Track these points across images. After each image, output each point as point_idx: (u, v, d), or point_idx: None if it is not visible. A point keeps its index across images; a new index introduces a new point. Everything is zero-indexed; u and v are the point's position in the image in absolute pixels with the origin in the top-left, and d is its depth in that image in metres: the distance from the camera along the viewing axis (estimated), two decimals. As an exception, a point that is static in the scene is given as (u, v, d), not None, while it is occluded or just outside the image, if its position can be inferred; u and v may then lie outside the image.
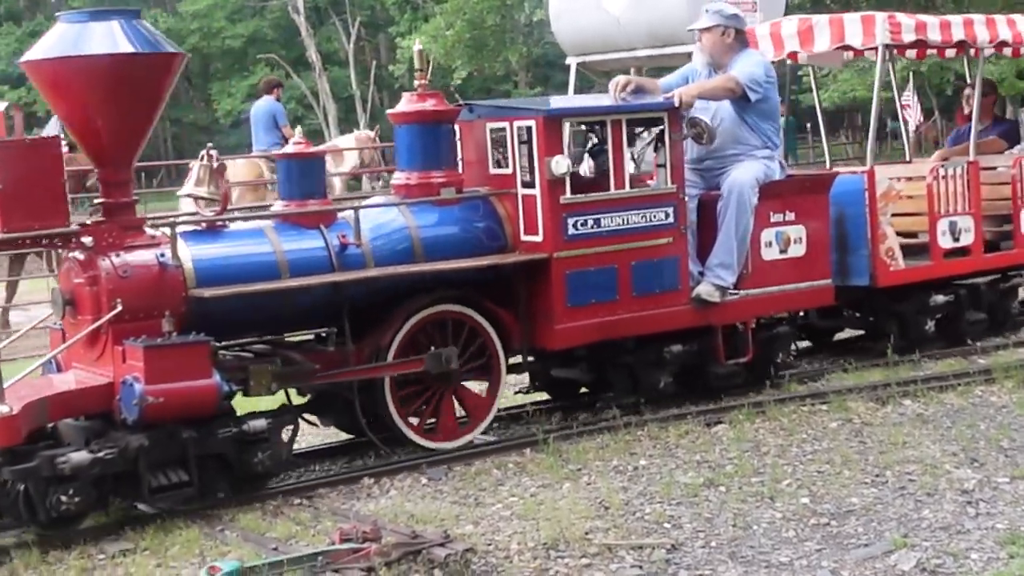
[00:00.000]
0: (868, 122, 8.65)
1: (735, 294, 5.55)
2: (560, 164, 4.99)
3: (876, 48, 6.51)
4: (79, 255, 4.56)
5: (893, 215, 6.55)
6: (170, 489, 4.58)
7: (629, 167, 5.38)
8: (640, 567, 4.05)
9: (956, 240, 6.52)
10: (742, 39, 5.97)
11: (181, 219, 5.21)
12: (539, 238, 5.06)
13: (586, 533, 4.33)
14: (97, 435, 4.44)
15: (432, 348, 5.12)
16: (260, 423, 4.65)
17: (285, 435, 4.90)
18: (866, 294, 6.52)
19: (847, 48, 6.80)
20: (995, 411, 5.95)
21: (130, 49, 4.39)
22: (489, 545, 4.34)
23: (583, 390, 6.16)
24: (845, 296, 6.60)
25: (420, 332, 5.07)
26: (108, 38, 4.37)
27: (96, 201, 4.83)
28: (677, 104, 5.37)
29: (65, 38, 4.43)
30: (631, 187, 5.23)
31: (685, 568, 4.02)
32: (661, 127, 5.39)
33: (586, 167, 5.42)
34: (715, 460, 5.27)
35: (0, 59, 34.41)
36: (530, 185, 5.06)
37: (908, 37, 6.43)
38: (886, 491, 4.85)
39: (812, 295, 5.96)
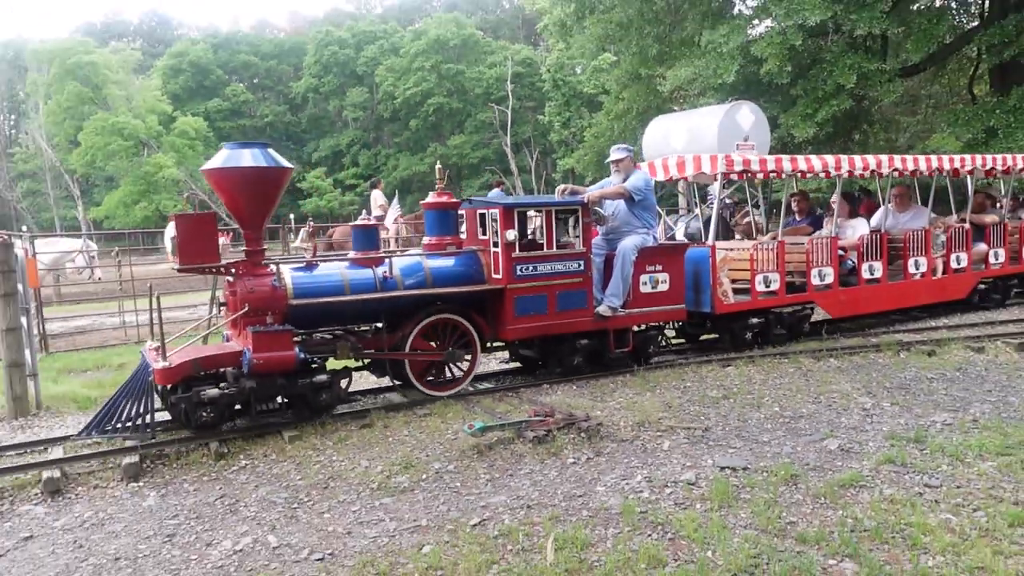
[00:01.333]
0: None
1: (622, 312, 7.30)
2: (510, 234, 6.73)
3: (717, 175, 8.29)
4: (229, 279, 6.19)
5: (732, 270, 8.40)
6: (270, 413, 6.14)
7: (558, 236, 7.03)
8: (687, 438, 5.55)
9: (768, 286, 8.42)
10: (634, 162, 7.75)
11: (288, 259, 6.94)
12: (500, 276, 6.82)
13: (659, 418, 5.93)
14: (233, 379, 5.89)
15: (437, 339, 6.78)
16: (323, 377, 6.19)
17: (343, 384, 6.43)
18: (712, 317, 8.32)
19: (703, 175, 8.71)
20: (881, 366, 7.63)
21: (262, 164, 5.86)
22: (609, 422, 5.88)
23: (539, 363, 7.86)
24: (700, 317, 8.42)
25: (430, 328, 6.75)
26: (249, 158, 5.85)
27: (242, 248, 6.31)
28: (585, 202, 7.12)
29: (226, 157, 5.89)
30: (557, 248, 6.97)
31: (712, 440, 5.51)
32: (576, 215, 7.09)
33: (537, 234, 7.15)
34: (727, 385, 7.04)
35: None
36: (496, 246, 6.86)
37: (737, 168, 8.19)
38: (821, 407, 6.34)
39: (672, 314, 7.78)
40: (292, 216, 19.59)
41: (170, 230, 6.44)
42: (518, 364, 8.03)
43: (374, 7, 70.98)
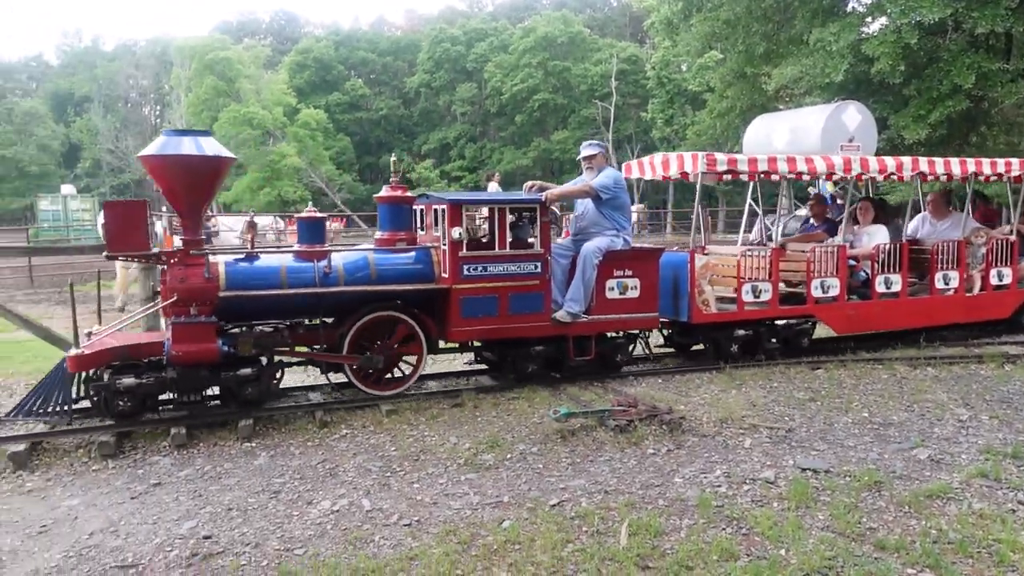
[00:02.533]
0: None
1: (584, 318, 6.64)
2: (455, 232, 6.18)
3: (698, 175, 7.48)
4: (164, 267, 5.75)
5: (723, 277, 7.74)
6: (190, 404, 5.82)
7: (517, 236, 6.51)
8: (770, 438, 5.44)
9: (757, 297, 7.57)
10: (607, 159, 7.14)
11: (224, 250, 6.39)
12: (447, 275, 6.28)
13: (742, 416, 5.83)
14: (155, 369, 5.66)
15: (382, 337, 6.27)
16: (247, 371, 5.87)
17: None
18: (689, 327, 7.58)
19: (685, 174, 7.85)
20: (983, 378, 7.20)
21: (198, 153, 5.47)
22: (691, 417, 5.84)
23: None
24: (678, 327, 7.88)
25: (374, 326, 6.26)
26: (187, 146, 5.48)
27: (180, 238, 5.90)
28: (543, 200, 6.50)
29: (164, 144, 5.50)
30: (511, 248, 6.38)
31: (795, 441, 5.39)
32: (534, 213, 6.50)
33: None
34: (815, 387, 6.85)
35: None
36: (444, 243, 6.32)
37: (721, 168, 7.46)
38: (913, 415, 6.06)
39: (643, 322, 7.03)
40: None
41: (102, 217, 6.02)
42: (484, 366, 7.36)
43: (485, 5, 71.74)
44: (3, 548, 3.91)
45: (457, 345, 6.80)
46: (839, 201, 9.75)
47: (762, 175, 8.17)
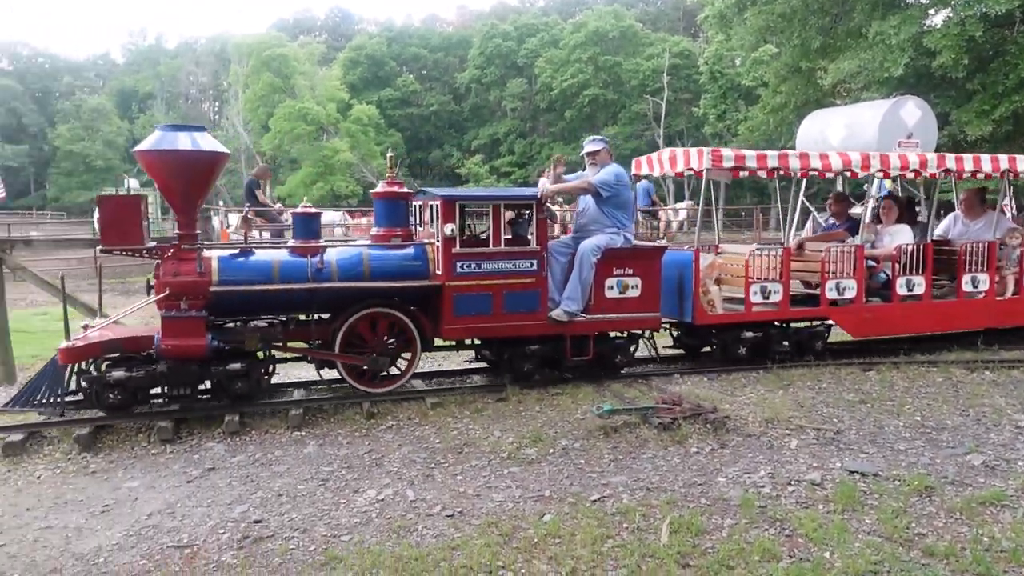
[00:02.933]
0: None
1: (582, 317, 6.51)
2: (448, 229, 6.09)
3: (703, 170, 7.16)
4: (159, 260, 5.73)
5: (731, 277, 7.57)
6: (180, 398, 5.86)
7: (516, 232, 6.48)
8: (817, 439, 5.34)
9: (766, 298, 7.27)
10: (611, 155, 6.94)
11: (219, 244, 6.41)
12: (441, 272, 6.20)
13: (788, 417, 5.76)
14: (148, 363, 5.68)
15: (376, 334, 6.21)
16: (237, 365, 5.85)
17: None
18: (692, 327, 7.34)
19: (691, 170, 7.43)
20: None
21: (194, 148, 5.50)
22: (736, 416, 5.78)
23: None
24: (684, 328, 7.66)
25: (368, 323, 6.21)
26: (183, 141, 5.50)
27: (175, 231, 5.88)
28: (539, 196, 6.36)
29: (160, 139, 5.51)
30: (506, 245, 6.28)
31: (843, 443, 5.27)
32: (531, 210, 6.37)
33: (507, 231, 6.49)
34: (866, 389, 6.69)
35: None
36: (438, 239, 6.26)
37: (727, 164, 7.08)
38: (968, 420, 5.88)
39: (643, 322, 6.81)
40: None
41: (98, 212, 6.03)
42: (484, 364, 7.24)
43: (536, 0, 71.62)
44: (69, 525, 4.12)
45: (454, 343, 6.72)
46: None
47: (774, 171, 7.82)
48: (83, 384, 5.68)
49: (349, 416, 5.90)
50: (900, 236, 7.94)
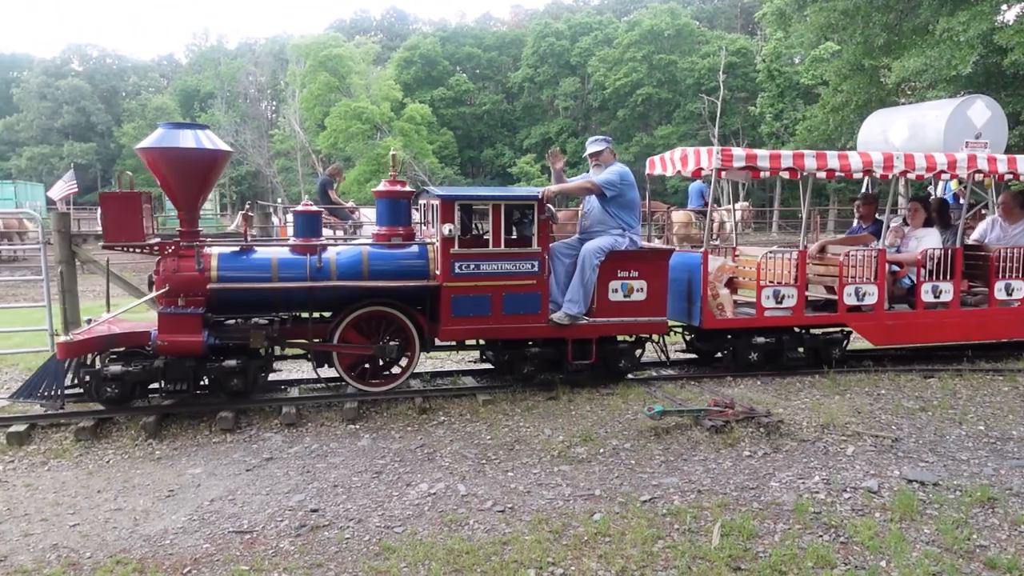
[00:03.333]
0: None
1: (584, 320, 6.40)
2: (446, 228, 6.03)
3: (711, 170, 6.95)
4: (159, 256, 5.89)
5: (744, 280, 7.52)
6: (177, 393, 5.93)
7: (519, 233, 6.39)
8: (874, 446, 5.23)
9: (779, 302, 7.03)
10: (615, 155, 6.87)
11: (220, 241, 6.44)
12: (440, 272, 6.17)
13: (845, 423, 5.64)
14: (147, 358, 5.81)
15: (376, 333, 6.23)
16: (232, 362, 5.89)
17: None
18: (700, 331, 7.25)
19: (701, 170, 7.25)
20: None
21: (196, 146, 5.65)
22: (790, 421, 5.72)
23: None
24: (695, 332, 7.51)
25: (366, 321, 6.24)
26: (186, 138, 5.66)
27: (178, 228, 6.02)
28: (540, 196, 6.23)
29: (162, 136, 5.68)
30: (507, 246, 6.19)
31: (901, 452, 5.15)
32: (532, 210, 6.25)
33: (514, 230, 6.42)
34: (927, 397, 6.49)
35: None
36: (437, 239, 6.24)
37: (738, 163, 6.85)
38: None
39: (649, 326, 6.66)
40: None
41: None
42: (490, 366, 7.18)
43: (591, -1, 71.41)
44: (137, 508, 4.31)
45: (454, 344, 6.68)
46: (961, 201, 9.15)
47: (788, 172, 7.49)
48: (84, 378, 5.78)
49: (402, 411, 6.01)
50: (927, 240, 7.56)
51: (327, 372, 6.48)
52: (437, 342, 6.52)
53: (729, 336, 7.22)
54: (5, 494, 4.49)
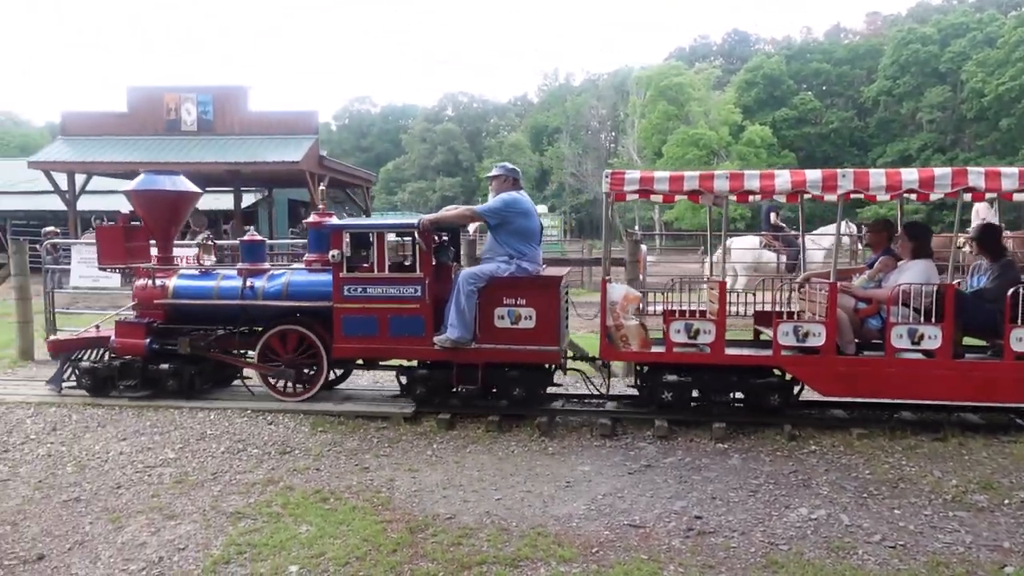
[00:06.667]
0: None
1: (472, 345, 6.49)
2: (335, 255, 6.65)
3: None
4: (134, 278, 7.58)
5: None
6: (131, 388, 7.22)
7: (401, 259, 6.85)
8: None
9: (693, 337, 6.31)
10: (515, 184, 6.78)
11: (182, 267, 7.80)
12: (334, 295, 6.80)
13: None
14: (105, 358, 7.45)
15: (295, 348, 7.06)
16: (166, 366, 7.14)
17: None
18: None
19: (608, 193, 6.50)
20: None
21: (171, 188, 7.48)
22: None
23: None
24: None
25: (282, 336, 7.08)
26: (165, 182, 7.49)
27: (154, 255, 7.66)
28: (418, 225, 6.55)
29: (144, 180, 7.49)
30: (390, 271, 6.65)
31: None
32: (412, 238, 6.69)
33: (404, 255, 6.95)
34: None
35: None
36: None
37: (630, 187, 6.34)
38: None
39: (539, 355, 6.51)
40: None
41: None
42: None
43: (966, -4, 62.99)
44: (544, 493, 5.07)
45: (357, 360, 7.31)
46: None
47: (690, 195, 6.48)
48: (71, 371, 7.46)
49: (769, 436, 6.11)
50: (908, 274, 6.28)
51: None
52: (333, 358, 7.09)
53: (642, 371, 6.84)
54: (443, 467, 5.60)
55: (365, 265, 6.75)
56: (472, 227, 7.99)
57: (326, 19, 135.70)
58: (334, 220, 7.22)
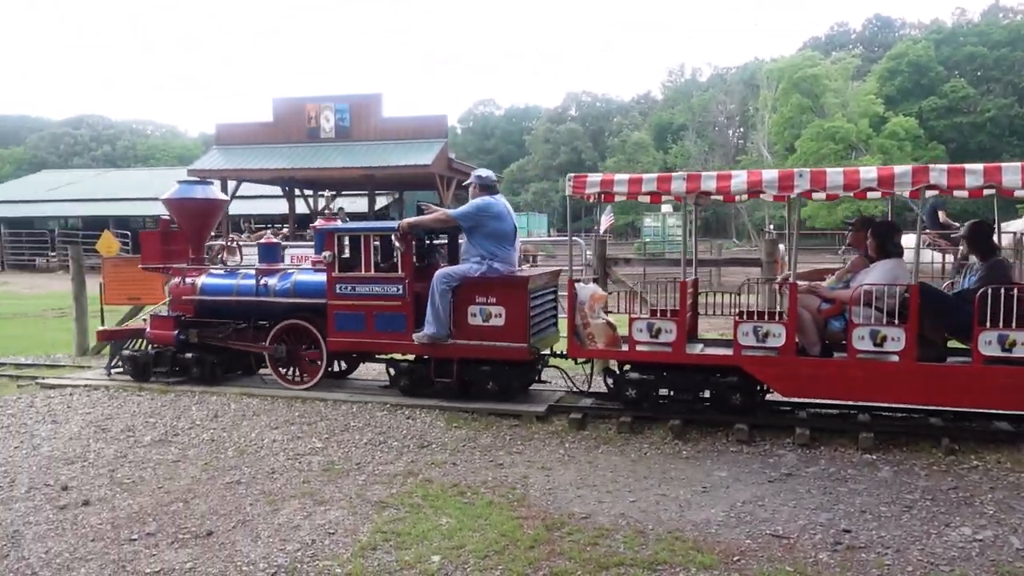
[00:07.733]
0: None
1: (448, 342, 6.95)
2: (327, 256, 7.29)
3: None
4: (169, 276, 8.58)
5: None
6: (167, 374, 8.19)
7: (377, 259, 7.37)
8: None
9: (654, 336, 6.36)
10: (489, 190, 7.14)
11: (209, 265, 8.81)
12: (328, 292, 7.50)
13: None
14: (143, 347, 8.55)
15: (301, 341, 7.84)
16: (187, 356, 8.06)
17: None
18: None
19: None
20: None
21: (204, 197, 8.47)
22: None
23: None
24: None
25: (290, 330, 7.85)
26: (197, 191, 8.55)
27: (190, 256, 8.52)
28: (398, 229, 7.13)
29: (179, 190, 8.48)
30: (376, 271, 7.30)
31: None
32: (393, 240, 7.22)
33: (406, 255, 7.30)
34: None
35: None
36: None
37: (591, 188, 6.43)
38: None
39: (509, 351, 6.86)
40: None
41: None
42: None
43: None
44: (679, 497, 4.98)
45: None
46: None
47: (650, 196, 6.50)
48: (118, 358, 8.44)
49: (924, 448, 5.72)
50: (873, 273, 6.15)
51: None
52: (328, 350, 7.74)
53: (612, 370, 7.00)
54: (576, 467, 5.63)
55: (354, 265, 7.44)
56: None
57: (452, 23, 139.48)
58: (337, 224, 8.39)
